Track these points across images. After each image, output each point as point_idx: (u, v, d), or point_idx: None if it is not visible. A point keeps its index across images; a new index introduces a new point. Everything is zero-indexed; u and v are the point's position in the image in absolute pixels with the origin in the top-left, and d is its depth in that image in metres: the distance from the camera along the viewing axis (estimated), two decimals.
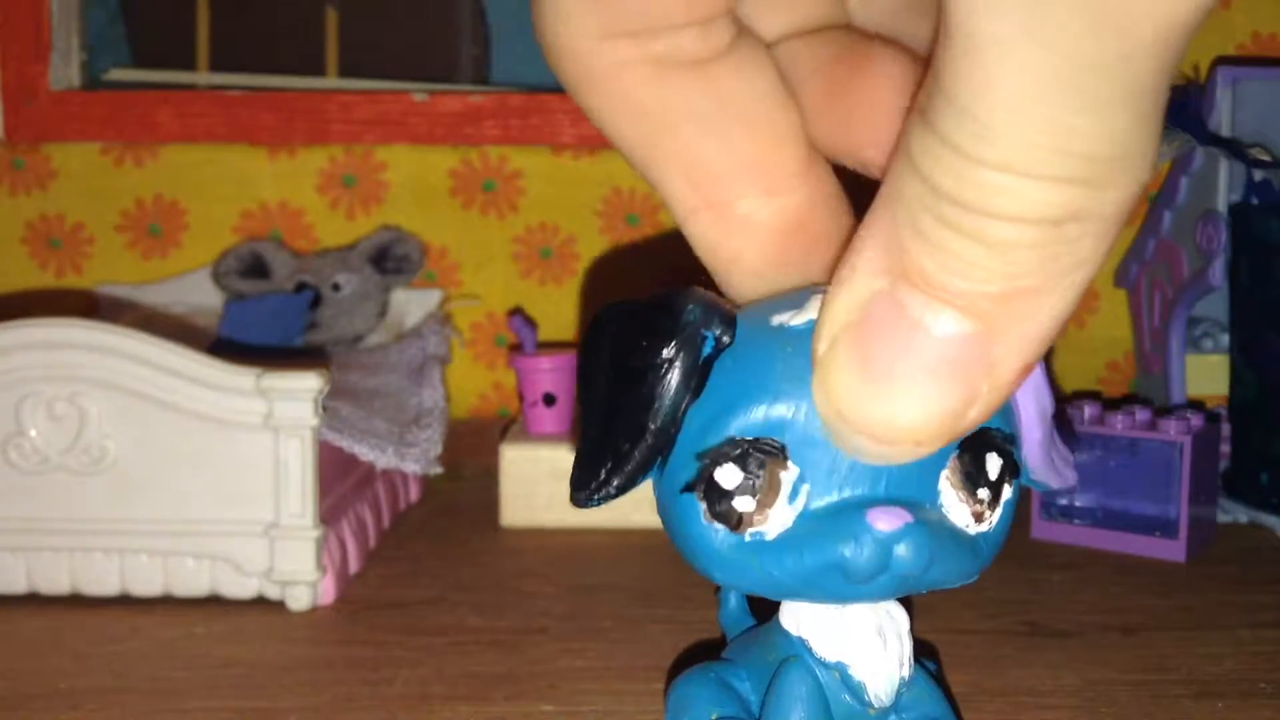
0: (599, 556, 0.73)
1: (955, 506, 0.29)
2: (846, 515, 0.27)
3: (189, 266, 1.02)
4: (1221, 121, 0.86)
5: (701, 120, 0.25)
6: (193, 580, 0.63)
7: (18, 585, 0.63)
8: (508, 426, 0.85)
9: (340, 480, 0.69)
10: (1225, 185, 0.85)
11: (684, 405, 0.28)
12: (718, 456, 0.28)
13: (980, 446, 0.28)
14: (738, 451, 0.28)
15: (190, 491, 0.63)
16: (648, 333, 0.28)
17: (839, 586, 0.28)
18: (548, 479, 0.78)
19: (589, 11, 0.24)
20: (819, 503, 0.28)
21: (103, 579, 0.63)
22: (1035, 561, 0.72)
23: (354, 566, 0.69)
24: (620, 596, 0.65)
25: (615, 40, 0.24)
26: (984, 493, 0.29)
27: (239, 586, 0.63)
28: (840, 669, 0.34)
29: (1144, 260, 0.97)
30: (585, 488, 0.29)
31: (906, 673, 0.35)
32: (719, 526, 0.28)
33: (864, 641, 0.33)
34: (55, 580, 0.63)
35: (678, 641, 0.58)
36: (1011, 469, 0.29)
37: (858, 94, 0.26)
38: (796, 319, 0.27)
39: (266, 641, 0.59)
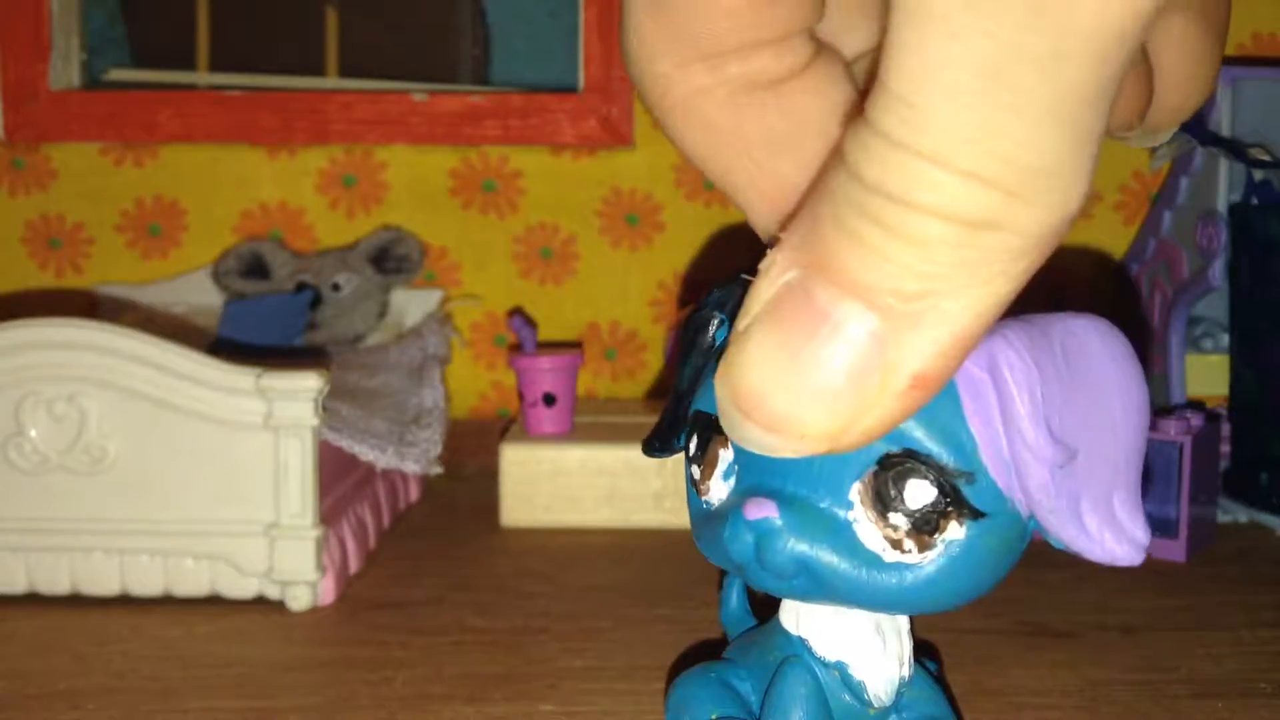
0: (599, 556, 0.73)
1: (864, 524, 0.28)
2: (737, 500, 0.29)
3: (189, 266, 1.02)
4: (1221, 121, 0.86)
5: (777, 141, 0.25)
6: (193, 580, 0.63)
7: (18, 585, 0.63)
8: (507, 426, 0.85)
9: (340, 480, 0.69)
10: (1225, 185, 0.85)
11: (696, 379, 0.30)
12: (690, 426, 0.30)
13: (904, 470, 0.27)
14: (697, 425, 0.30)
15: (190, 491, 0.63)
16: (688, 317, 0.31)
17: (733, 568, 0.30)
18: (548, 479, 0.78)
19: (665, 38, 0.24)
20: (744, 485, 0.29)
21: (103, 579, 0.63)
22: (1035, 561, 0.71)
23: (354, 566, 0.69)
24: (620, 596, 0.65)
25: (690, 65, 0.24)
26: (899, 519, 0.27)
27: (239, 586, 0.63)
28: (840, 668, 0.34)
29: (1144, 260, 0.97)
30: (647, 443, 0.33)
31: (907, 672, 0.35)
32: (691, 488, 0.31)
33: (863, 641, 0.33)
34: (55, 580, 0.63)
35: (678, 641, 0.58)
36: (958, 507, 0.27)
37: None
38: None
39: (266, 641, 0.59)
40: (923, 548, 0.28)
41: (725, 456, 0.29)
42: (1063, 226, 0.20)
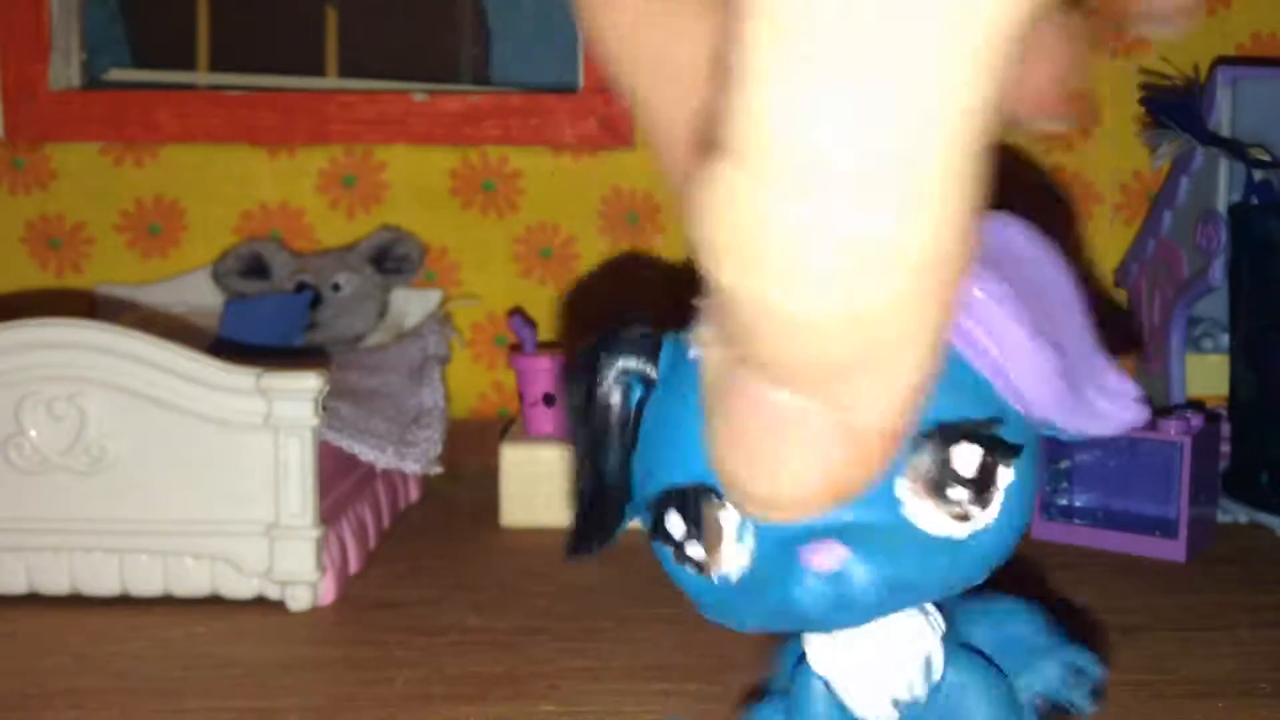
0: (599, 557, 0.73)
1: (925, 513, 0.27)
2: (787, 555, 0.26)
3: (189, 266, 1.02)
4: (1221, 121, 0.86)
5: (679, 70, 0.24)
6: (193, 580, 0.63)
7: (18, 585, 0.64)
8: (508, 426, 0.85)
9: (340, 480, 0.70)
10: (1225, 185, 0.85)
11: (623, 456, 0.28)
12: (661, 507, 0.28)
13: (941, 443, 0.26)
14: (675, 501, 0.27)
15: (190, 491, 0.63)
16: (581, 392, 0.28)
17: (810, 624, 0.28)
18: (547, 479, 0.79)
19: None
20: (770, 538, 0.27)
21: (103, 579, 0.63)
22: (1035, 561, 0.73)
23: (354, 566, 0.69)
24: (620, 597, 0.66)
25: None
26: (958, 492, 0.27)
27: (239, 586, 0.63)
28: (826, 684, 0.33)
29: (1144, 260, 0.97)
30: (571, 547, 0.31)
31: (905, 694, 0.33)
32: (689, 570, 0.28)
33: (844, 660, 0.32)
34: (55, 580, 0.64)
35: (678, 642, 0.58)
36: (1003, 452, 0.27)
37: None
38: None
39: (266, 641, 0.60)
40: (985, 505, 0.27)
41: (729, 519, 0.27)
42: (963, 235, 0.19)
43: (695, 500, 0.27)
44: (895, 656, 0.33)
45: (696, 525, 0.27)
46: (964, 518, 0.27)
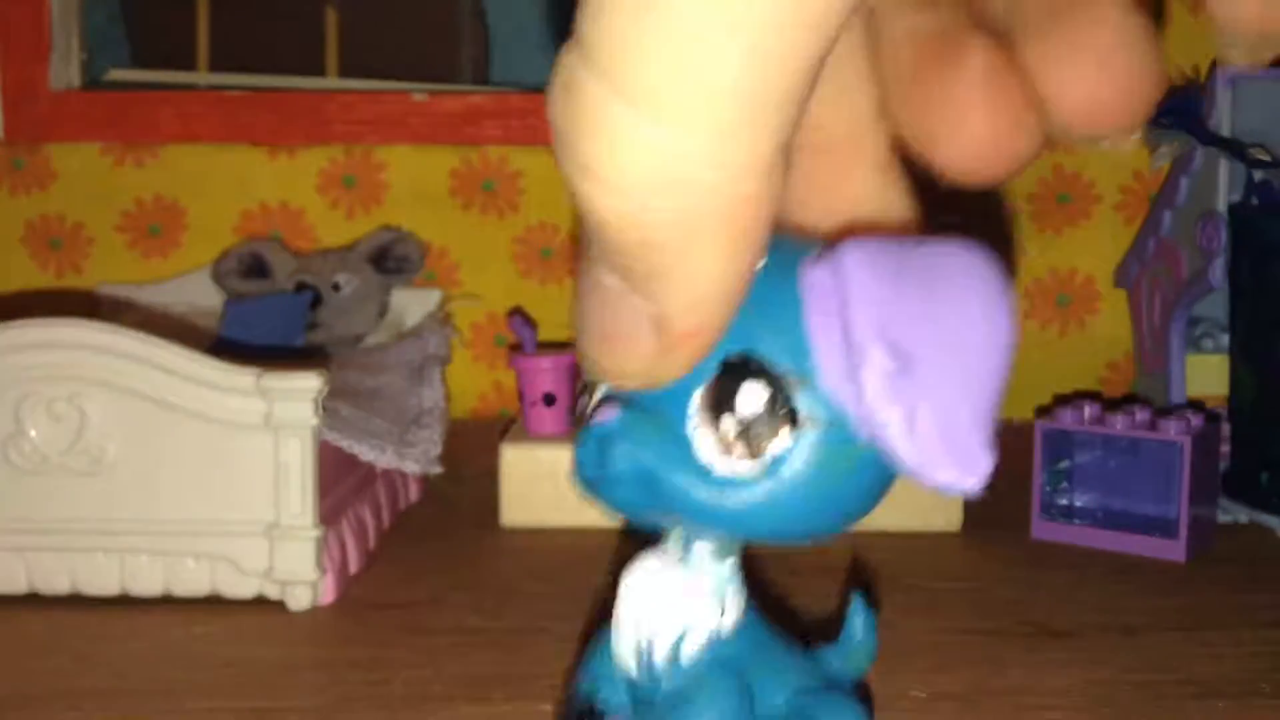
0: (600, 557, 0.73)
1: (701, 433, 0.27)
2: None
3: (189, 266, 1.03)
4: (1222, 121, 0.86)
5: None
6: (193, 580, 0.63)
7: (18, 585, 0.63)
8: (508, 426, 0.85)
9: (340, 480, 0.69)
10: (1225, 185, 0.85)
11: None
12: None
13: (740, 373, 0.26)
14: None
15: (190, 491, 0.63)
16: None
17: (592, 488, 0.29)
18: (548, 479, 0.79)
19: None
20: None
21: (103, 579, 0.63)
22: (1035, 562, 0.73)
23: (354, 566, 0.69)
24: None
25: None
26: (729, 424, 0.26)
27: (239, 586, 0.63)
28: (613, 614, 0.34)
29: (1144, 260, 0.97)
30: None
31: (647, 650, 0.33)
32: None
33: (625, 594, 0.33)
34: (55, 580, 0.63)
35: None
36: (788, 413, 0.26)
37: (942, 86, 0.25)
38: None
39: (267, 641, 0.59)
40: (754, 455, 0.26)
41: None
42: (762, 179, 0.21)
43: None
44: (648, 609, 0.33)
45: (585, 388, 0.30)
46: (728, 451, 0.27)
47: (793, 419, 0.26)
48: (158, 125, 1.02)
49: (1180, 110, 0.87)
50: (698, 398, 0.27)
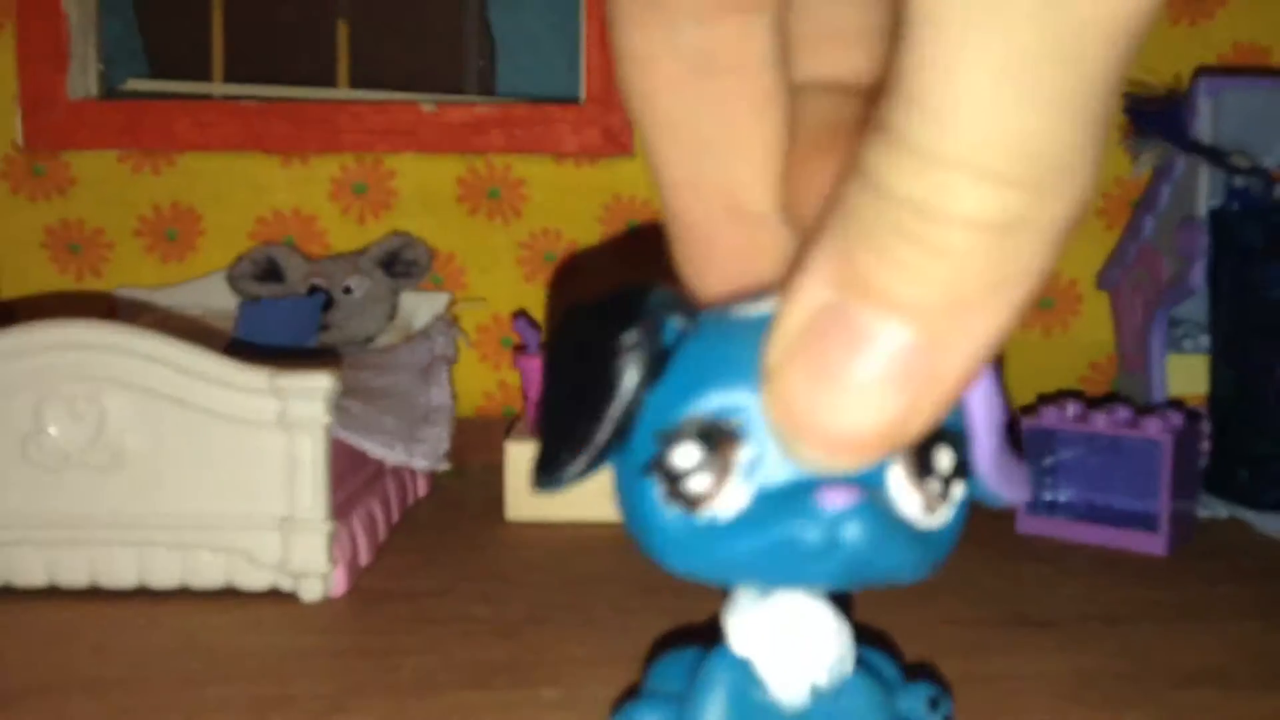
0: (601, 549, 0.74)
1: (905, 495, 0.28)
2: (799, 494, 0.27)
3: (205, 270, 1.03)
4: (1203, 130, 0.87)
5: (710, 139, 0.26)
6: (209, 573, 0.64)
7: (38, 579, 0.64)
8: (512, 424, 0.86)
9: (351, 476, 0.70)
10: (1205, 191, 0.86)
11: (643, 389, 0.28)
12: (675, 435, 0.28)
13: (931, 439, 0.28)
14: (695, 430, 0.27)
15: (206, 487, 0.64)
16: (613, 321, 0.28)
17: (790, 567, 0.28)
18: None
19: None
20: (773, 483, 0.27)
21: (121, 572, 0.64)
22: (1020, 554, 0.73)
23: (364, 559, 0.70)
24: (621, 588, 0.66)
25: (650, 28, 0.24)
26: (934, 484, 0.28)
27: (253, 578, 0.64)
28: (746, 664, 0.34)
29: (1126, 264, 0.98)
30: (548, 470, 0.29)
31: (823, 679, 0.34)
32: (674, 508, 0.28)
33: (769, 638, 0.34)
34: (75, 574, 0.64)
35: (675, 630, 0.59)
36: (962, 467, 0.28)
37: (816, 171, 0.26)
38: (756, 309, 0.27)
39: (280, 631, 0.60)
40: (943, 509, 0.28)
41: (743, 457, 0.27)
42: (1081, 216, 0.20)
43: (717, 432, 0.27)
44: (816, 641, 0.34)
45: (712, 457, 0.27)
46: (930, 509, 0.28)
47: (964, 473, 0.28)
48: (174, 134, 1.02)
49: (1162, 118, 0.87)
50: (903, 462, 0.28)
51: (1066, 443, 0.78)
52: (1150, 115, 0.88)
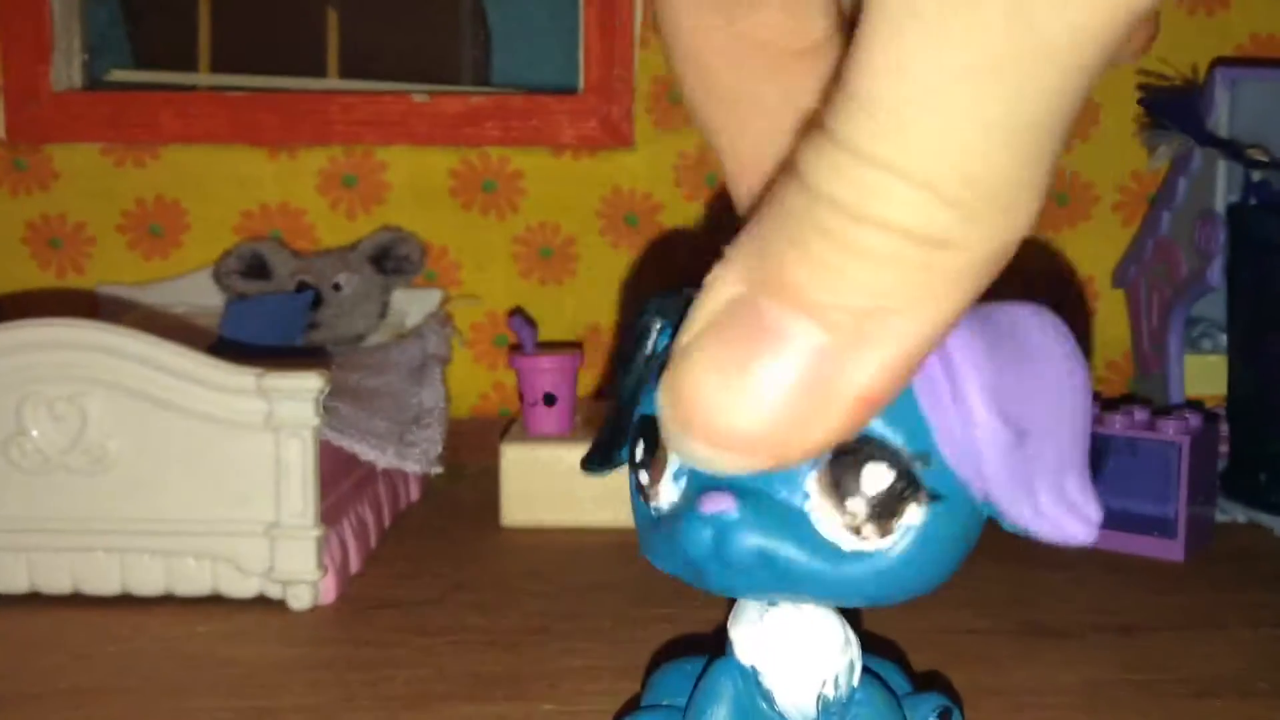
0: (599, 556, 0.74)
1: (824, 513, 0.27)
2: (691, 499, 0.28)
3: (190, 267, 1.03)
4: (1220, 122, 0.86)
5: (767, 113, 0.25)
6: (194, 579, 0.64)
7: (19, 584, 0.64)
8: (508, 426, 0.86)
9: (341, 480, 0.70)
10: (1223, 185, 0.86)
11: (637, 388, 0.31)
12: (635, 431, 0.30)
13: (860, 456, 0.27)
14: (643, 428, 0.30)
15: (191, 491, 0.63)
16: (632, 329, 0.31)
17: (696, 571, 0.29)
18: (548, 478, 0.79)
19: None
20: (694, 480, 0.28)
21: (104, 578, 0.64)
22: (1033, 561, 0.72)
23: (355, 566, 0.69)
24: (620, 596, 0.66)
25: (703, 7, 0.24)
26: (856, 505, 0.27)
27: (240, 586, 0.64)
28: (753, 673, 0.34)
29: (1142, 261, 0.98)
30: (587, 459, 0.33)
31: (831, 690, 0.34)
32: (642, 502, 0.30)
33: (776, 648, 0.33)
34: (57, 579, 0.64)
35: (676, 641, 0.59)
36: (915, 490, 0.27)
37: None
38: None
39: (267, 640, 0.60)
40: (883, 534, 0.27)
41: (675, 458, 0.29)
42: (1015, 245, 0.20)
43: (653, 431, 0.29)
44: (825, 652, 0.34)
45: (650, 454, 0.29)
46: (856, 531, 0.27)
47: (918, 496, 0.27)
48: (159, 126, 1.02)
49: (1178, 111, 0.88)
50: (815, 480, 0.27)
51: None
52: (1166, 107, 0.88)
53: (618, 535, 0.77)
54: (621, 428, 0.31)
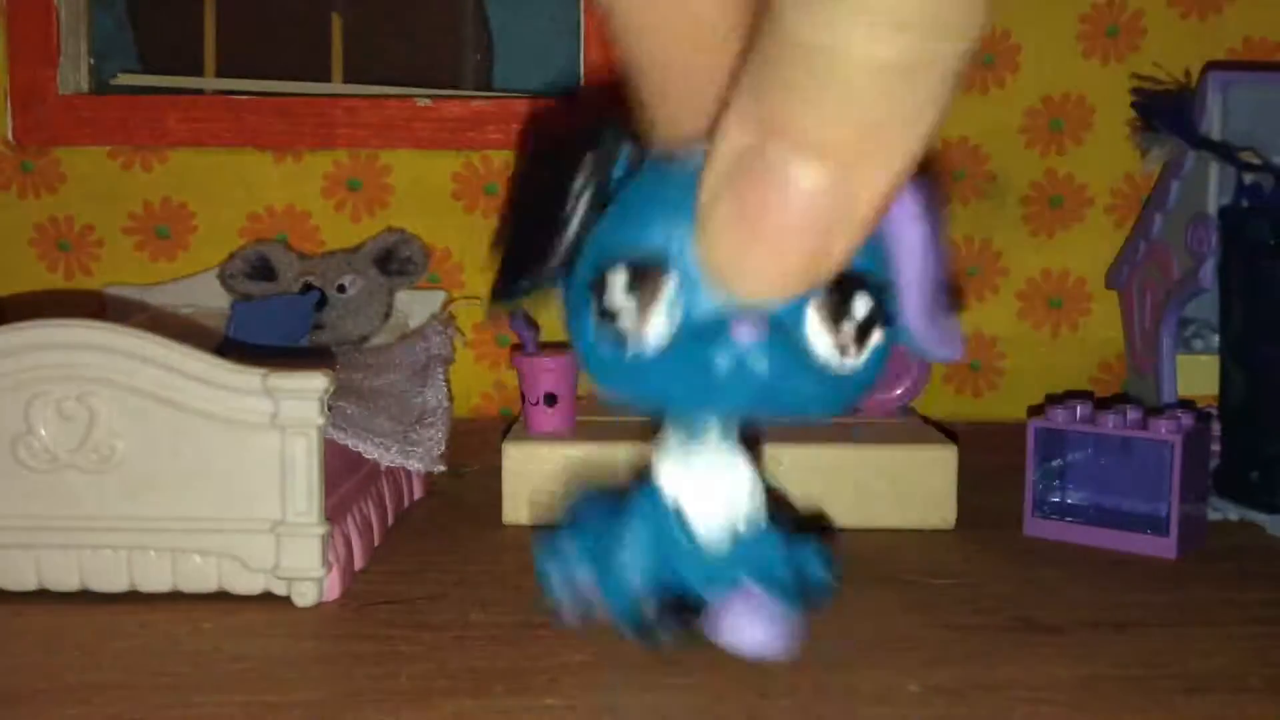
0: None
1: (818, 336, 0.30)
2: (715, 327, 0.29)
3: (196, 268, 1.03)
4: (1212, 125, 0.87)
5: (707, 31, 0.27)
6: (200, 577, 0.64)
7: (28, 582, 0.64)
8: (510, 425, 0.86)
9: (345, 478, 0.70)
10: (1215, 188, 0.86)
11: (590, 221, 0.32)
12: (612, 265, 0.30)
13: (850, 284, 0.30)
14: (626, 262, 0.30)
15: (198, 489, 0.63)
16: (570, 156, 0.32)
17: (704, 392, 0.30)
18: (549, 477, 0.79)
19: None
20: (693, 317, 0.29)
21: (111, 576, 0.64)
22: (1028, 558, 0.73)
23: (359, 563, 0.69)
24: None
25: None
26: (848, 327, 0.30)
27: (246, 583, 0.64)
28: (674, 503, 0.37)
29: (1135, 262, 0.98)
30: (503, 289, 0.34)
31: (743, 525, 0.37)
32: (606, 333, 0.31)
33: (699, 484, 0.36)
34: (64, 577, 0.64)
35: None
36: (881, 315, 0.30)
37: None
38: (698, 153, 0.27)
39: (273, 637, 0.60)
40: (858, 353, 0.30)
41: (668, 290, 0.29)
42: (971, 53, 0.22)
43: (643, 270, 0.30)
44: (740, 490, 0.37)
45: (639, 286, 0.30)
46: (843, 352, 0.30)
47: (884, 320, 0.31)
48: (165, 129, 1.02)
49: (1171, 114, 0.88)
50: (814, 308, 0.30)
51: (1076, 444, 0.77)
52: (1159, 111, 0.88)
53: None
54: (560, 255, 0.32)
